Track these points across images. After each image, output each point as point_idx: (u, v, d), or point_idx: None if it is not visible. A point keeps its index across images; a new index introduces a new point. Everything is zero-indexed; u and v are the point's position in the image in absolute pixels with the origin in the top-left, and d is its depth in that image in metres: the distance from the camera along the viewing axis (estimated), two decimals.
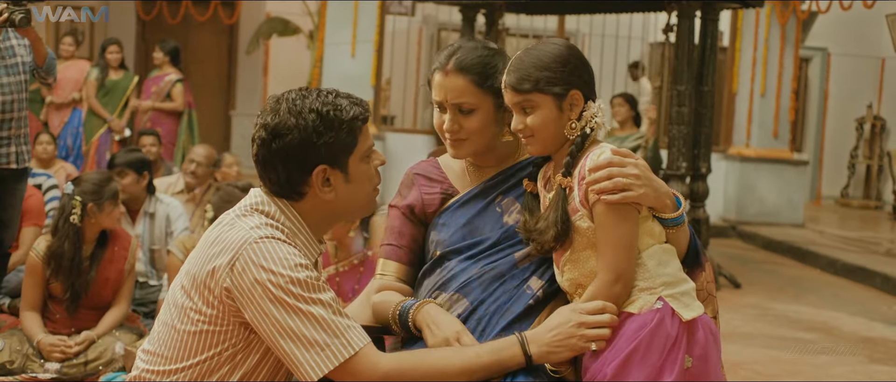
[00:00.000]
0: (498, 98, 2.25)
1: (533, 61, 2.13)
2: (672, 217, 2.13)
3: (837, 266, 8.60)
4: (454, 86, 2.26)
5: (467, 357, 2.05)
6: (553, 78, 2.11)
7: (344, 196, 2.12)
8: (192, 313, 2.06)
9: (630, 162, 2.07)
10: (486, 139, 2.31)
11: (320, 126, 2.04)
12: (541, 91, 2.12)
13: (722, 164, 10.85)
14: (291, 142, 2.04)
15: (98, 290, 4.31)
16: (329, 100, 2.07)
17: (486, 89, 2.25)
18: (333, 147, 2.06)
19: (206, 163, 6.09)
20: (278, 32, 12.37)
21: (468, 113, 2.27)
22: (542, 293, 2.23)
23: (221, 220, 2.14)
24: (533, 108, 2.14)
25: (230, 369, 2.07)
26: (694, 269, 2.22)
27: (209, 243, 2.08)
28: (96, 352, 4.22)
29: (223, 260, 2.01)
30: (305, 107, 2.05)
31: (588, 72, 2.17)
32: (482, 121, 2.27)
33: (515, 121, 2.17)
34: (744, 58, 10.96)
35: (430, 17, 13.20)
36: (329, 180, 2.09)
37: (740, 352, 5.52)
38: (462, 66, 2.25)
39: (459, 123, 2.28)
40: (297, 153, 2.05)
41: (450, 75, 2.26)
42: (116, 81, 9.20)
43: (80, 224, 4.18)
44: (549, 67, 2.11)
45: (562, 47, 2.16)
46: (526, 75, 2.12)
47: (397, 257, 2.42)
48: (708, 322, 2.10)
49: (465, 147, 2.31)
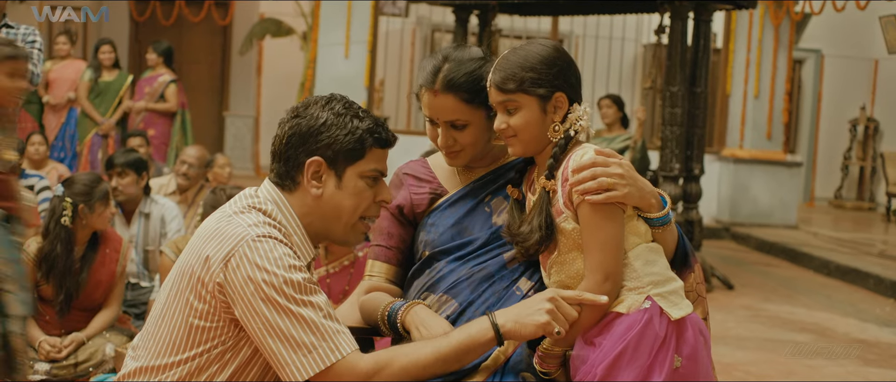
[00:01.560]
0: (489, 108, 2.23)
1: (519, 61, 2.12)
2: (658, 216, 2.12)
3: (830, 267, 8.61)
4: (444, 105, 2.24)
5: (437, 341, 2.05)
6: (538, 79, 2.10)
7: (329, 198, 2.11)
8: (183, 307, 2.06)
9: (614, 161, 2.06)
10: (481, 145, 2.30)
11: (335, 121, 2.09)
12: (525, 91, 2.11)
13: (715, 166, 10.87)
14: (304, 125, 2.10)
15: (89, 292, 4.29)
16: (359, 113, 2.13)
17: (476, 104, 2.23)
18: (336, 146, 2.09)
19: (198, 164, 6.08)
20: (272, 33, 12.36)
21: (461, 128, 2.26)
22: (532, 293, 2.21)
23: (217, 215, 2.13)
24: (516, 109, 2.13)
25: (219, 368, 2.07)
26: (683, 270, 2.20)
27: (204, 236, 2.08)
28: (86, 354, 4.21)
29: (219, 255, 2.01)
30: (335, 105, 2.11)
31: (574, 75, 2.15)
32: (475, 134, 2.27)
33: (498, 120, 2.16)
34: (737, 59, 10.98)
35: (424, 19, 13.20)
36: (320, 176, 2.10)
37: (733, 354, 5.52)
38: (451, 85, 2.22)
39: (454, 138, 2.27)
40: (303, 135, 2.10)
41: (439, 95, 2.23)
42: (109, 82, 9.18)
43: (72, 225, 4.16)
44: (534, 68, 2.10)
45: (549, 48, 2.14)
46: (510, 75, 2.11)
47: (386, 258, 2.41)
48: (697, 321, 2.09)
49: (461, 157, 2.31)
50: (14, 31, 4.77)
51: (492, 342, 2.04)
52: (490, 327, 2.04)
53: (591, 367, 2.01)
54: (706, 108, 7.65)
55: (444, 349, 2.03)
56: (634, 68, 13.42)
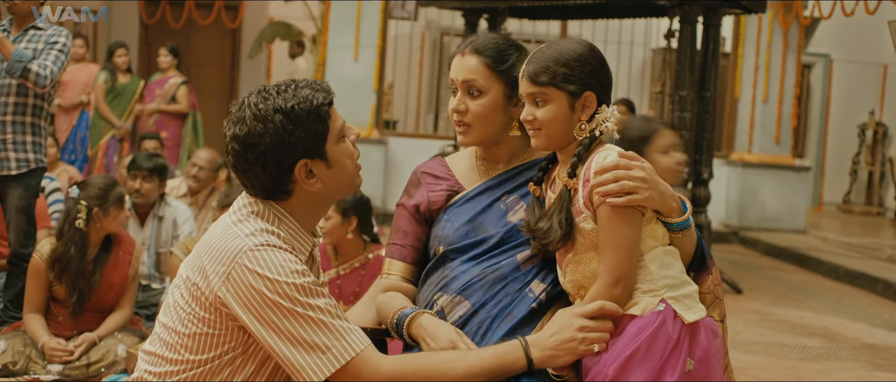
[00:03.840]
0: (509, 87, 2.28)
1: (554, 55, 2.13)
2: (678, 221, 2.13)
3: (839, 272, 8.59)
4: (466, 65, 2.30)
5: (470, 361, 2.04)
6: (570, 75, 2.11)
7: (329, 182, 2.11)
8: (190, 316, 2.06)
9: (636, 165, 2.07)
10: (493, 129, 2.32)
11: (289, 124, 2.02)
12: (556, 86, 2.12)
13: (724, 170, 10.86)
14: (266, 147, 2.03)
15: (102, 294, 4.32)
16: (291, 94, 2.05)
17: (497, 73, 2.29)
18: (307, 140, 2.04)
19: (209, 167, 6.10)
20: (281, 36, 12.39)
21: (477, 95, 2.30)
22: (545, 296, 2.22)
23: (220, 225, 2.13)
24: (545, 102, 2.14)
25: (231, 372, 2.07)
26: (701, 273, 2.21)
27: (204, 249, 2.07)
28: (99, 354, 4.23)
29: (219, 269, 2.01)
30: (270, 109, 2.03)
31: (606, 77, 2.17)
32: (488, 107, 2.29)
33: (526, 111, 2.17)
34: (746, 63, 10.97)
35: (433, 22, 13.21)
36: (312, 171, 2.08)
37: (742, 358, 5.52)
38: (477, 48, 2.31)
39: (466, 104, 2.31)
40: (274, 156, 2.03)
41: (465, 55, 2.32)
42: (125, 85, 9.21)
43: (86, 228, 4.19)
44: (568, 64, 2.12)
45: (584, 47, 2.16)
46: (544, 68, 2.13)
47: (402, 256, 2.42)
48: (711, 324, 2.09)
49: (470, 134, 2.33)
50: (40, 32, 4.77)
51: (522, 370, 2.06)
52: (523, 357, 2.05)
53: (603, 367, 2.01)
54: (715, 113, 7.66)
55: (475, 368, 2.03)
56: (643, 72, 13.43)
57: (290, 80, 2.10)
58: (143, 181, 5.11)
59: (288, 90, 2.05)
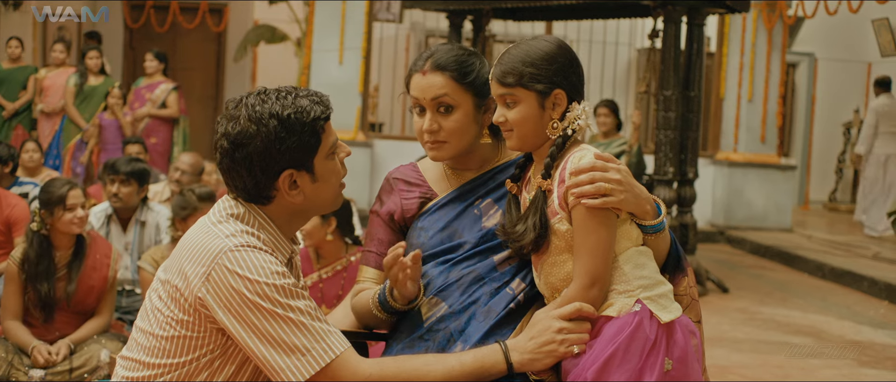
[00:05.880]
0: (477, 97, 2.25)
1: (520, 56, 2.12)
2: (652, 224, 2.12)
3: (825, 270, 8.62)
4: (432, 83, 2.24)
5: (450, 364, 2.04)
6: (537, 75, 2.10)
7: (311, 196, 2.10)
8: (168, 319, 2.05)
9: (612, 167, 2.06)
10: (466, 141, 2.29)
11: (282, 131, 2.01)
12: (524, 86, 2.11)
13: (710, 169, 10.88)
14: (254, 150, 2.01)
15: (82, 297, 4.31)
16: (289, 102, 2.03)
17: (465, 86, 2.24)
18: (297, 150, 2.03)
19: (192, 171, 6.08)
20: (266, 40, 12.38)
21: (448, 111, 2.25)
22: (523, 297, 2.21)
23: (199, 226, 2.12)
24: (515, 102, 2.13)
25: (209, 374, 2.06)
26: (676, 275, 2.20)
27: (184, 250, 2.06)
28: (82, 360, 4.21)
29: (198, 270, 1.99)
30: (266, 113, 2.02)
31: (576, 74, 2.15)
32: (461, 121, 2.25)
33: (498, 112, 2.16)
34: (731, 63, 11.00)
35: (418, 24, 13.21)
36: (296, 183, 2.07)
37: (728, 357, 5.53)
38: (440, 64, 2.24)
39: (439, 123, 2.25)
40: (261, 160, 2.02)
41: (428, 74, 2.25)
42: (95, 87, 9.19)
43: (47, 231, 4.23)
44: (534, 64, 2.11)
45: (552, 45, 2.14)
46: (511, 69, 2.12)
47: (377, 263, 2.40)
48: (687, 323, 2.09)
49: (445, 149, 2.28)
50: None
51: (502, 374, 2.05)
52: (503, 361, 2.04)
53: (582, 370, 2.01)
54: (700, 112, 7.68)
55: (454, 371, 2.02)
56: (628, 72, 13.45)
57: (292, 87, 2.08)
58: (121, 185, 5.07)
59: (288, 97, 2.04)
